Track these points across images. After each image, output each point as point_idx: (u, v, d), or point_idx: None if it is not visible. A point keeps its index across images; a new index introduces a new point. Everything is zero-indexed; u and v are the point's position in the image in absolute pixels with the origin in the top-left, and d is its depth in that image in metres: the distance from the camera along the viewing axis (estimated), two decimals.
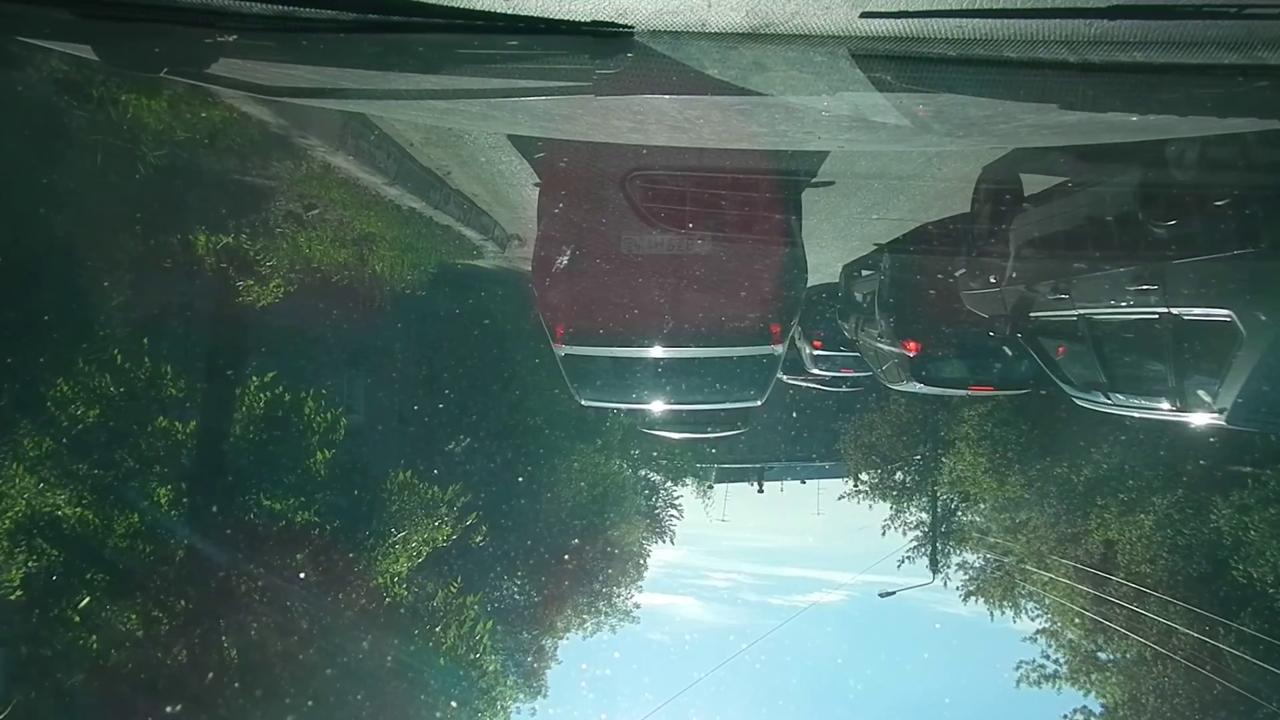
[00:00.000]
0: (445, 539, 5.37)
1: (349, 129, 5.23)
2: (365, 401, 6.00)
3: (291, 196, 5.25)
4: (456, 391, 5.81)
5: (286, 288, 5.09)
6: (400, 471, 5.38)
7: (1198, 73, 3.23)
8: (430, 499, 5.38)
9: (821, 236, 6.68)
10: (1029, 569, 6.37)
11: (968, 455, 7.28)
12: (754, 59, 3.42)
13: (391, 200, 5.84)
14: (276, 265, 5.09)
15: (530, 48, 3.39)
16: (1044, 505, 6.61)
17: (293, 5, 3.03)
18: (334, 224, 5.53)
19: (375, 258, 5.71)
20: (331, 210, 5.49)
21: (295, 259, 5.19)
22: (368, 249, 5.70)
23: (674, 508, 7.11)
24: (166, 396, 4.93)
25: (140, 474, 4.79)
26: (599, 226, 4.57)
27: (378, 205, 5.78)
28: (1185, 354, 4.15)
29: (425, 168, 5.96)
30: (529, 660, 5.83)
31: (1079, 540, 6.39)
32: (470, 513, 5.38)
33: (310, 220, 5.31)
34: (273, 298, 5.05)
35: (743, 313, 4.52)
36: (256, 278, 5.04)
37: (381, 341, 5.76)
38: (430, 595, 5.28)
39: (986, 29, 3.11)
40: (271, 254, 5.09)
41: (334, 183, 5.37)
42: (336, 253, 5.44)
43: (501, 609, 5.79)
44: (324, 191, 5.37)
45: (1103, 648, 6.07)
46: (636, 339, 4.62)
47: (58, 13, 3.21)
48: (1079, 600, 6.15)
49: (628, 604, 6.10)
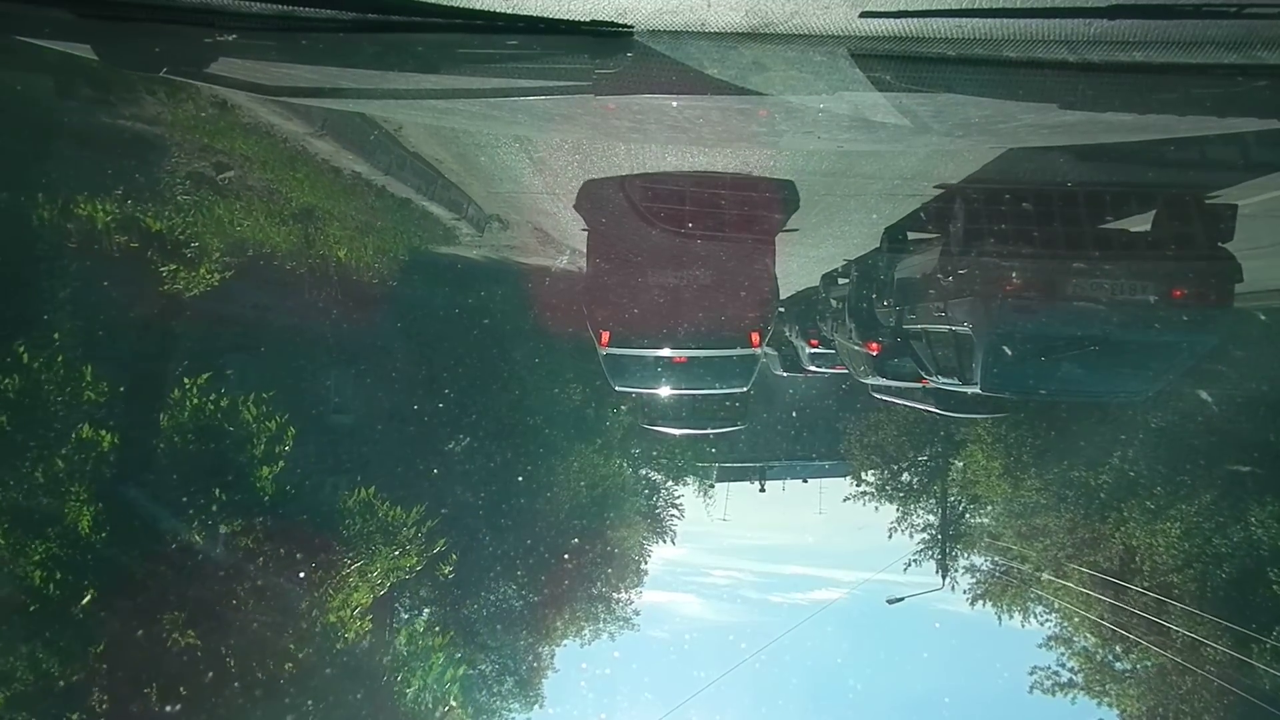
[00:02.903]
0: (410, 566, 4.73)
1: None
2: (319, 406, 5.22)
3: (196, 153, 4.40)
4: (430, 393, 5.27)
5: (222, 274, 4.40)
6: (359, 488, 4.76)
7: (1197, 72, 3.23)
8: (393, 521, 4.73)
9: (822, 236, 6.69)
10: (1045, 576, 6.39)
11: (980, 457, 7.29)
12: (753, 59, 3.42)
13: (323, 159, 4.88)
14: (204, 246, 4.38)
15: (530, 47, 3.38)
16: (1061, 510, 6.67)
17: (293, 5, 3.03)
18: (261, 193, 4.70)
19: (325, 238, 4.94)
20: (253, 173, 4.61)
21: (226, 237, 4.46)
22: (313, 227, 4.94)
23: (675, 507, 7.12)
24: (84, 401, 4.19)
25: (51, 492, 4.03)
26: (631, 261, 5.90)
27: (305, 165, 4.81)
28: (962, 351, 5.89)
29: (369, 119, 4.93)
30: (529, 660, 5.83)
31: (1099, 546, 6.39)
32: (439, 538, 4.79)
33: (227, 186, 4.46)
34: (204, 285, 4.38)
35: (733, 323, 5.99)
36: (183, 262, 4.32)
37: (338, 337, 5.06)
38: (393, 634, 4.70)
39: (986, 29, 3.10)
40: (191, 229, 4.36)
41: (239, 128, 4.46)
42: (274, 231, 4.71)
43: (500, 611, 5.77)
44: (231, 143, 4.49)
45: (1121, 657, 6.04)
46: (658, 342, 6.02)
47: (58, 13, 3.21)
48: (1096, 608, 6.14)
49: (628, 603, 6.11)
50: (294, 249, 4.83)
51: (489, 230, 6.01)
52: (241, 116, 4.42)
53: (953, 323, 6.00)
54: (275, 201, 4.81)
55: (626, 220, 5.39)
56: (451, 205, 5.78)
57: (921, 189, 5.68)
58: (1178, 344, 5.35)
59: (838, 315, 8.39)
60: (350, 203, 5.21)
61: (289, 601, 4.33)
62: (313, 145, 4.82)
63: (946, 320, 6.09)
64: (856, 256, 7.46)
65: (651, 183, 5.21)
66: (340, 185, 5.08)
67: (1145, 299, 5.21)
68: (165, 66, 3.79)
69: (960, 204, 5.60)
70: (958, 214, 5.66)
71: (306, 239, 4.84)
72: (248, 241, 4.58)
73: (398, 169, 5.21)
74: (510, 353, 5.99)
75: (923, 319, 6.65)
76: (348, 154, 5.02)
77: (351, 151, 5.02)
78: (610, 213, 5.50)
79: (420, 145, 5.32)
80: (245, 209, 4.62)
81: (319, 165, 4.96)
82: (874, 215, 6.18)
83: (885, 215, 6.18)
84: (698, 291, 5.80)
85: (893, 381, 7.63)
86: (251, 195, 4.65)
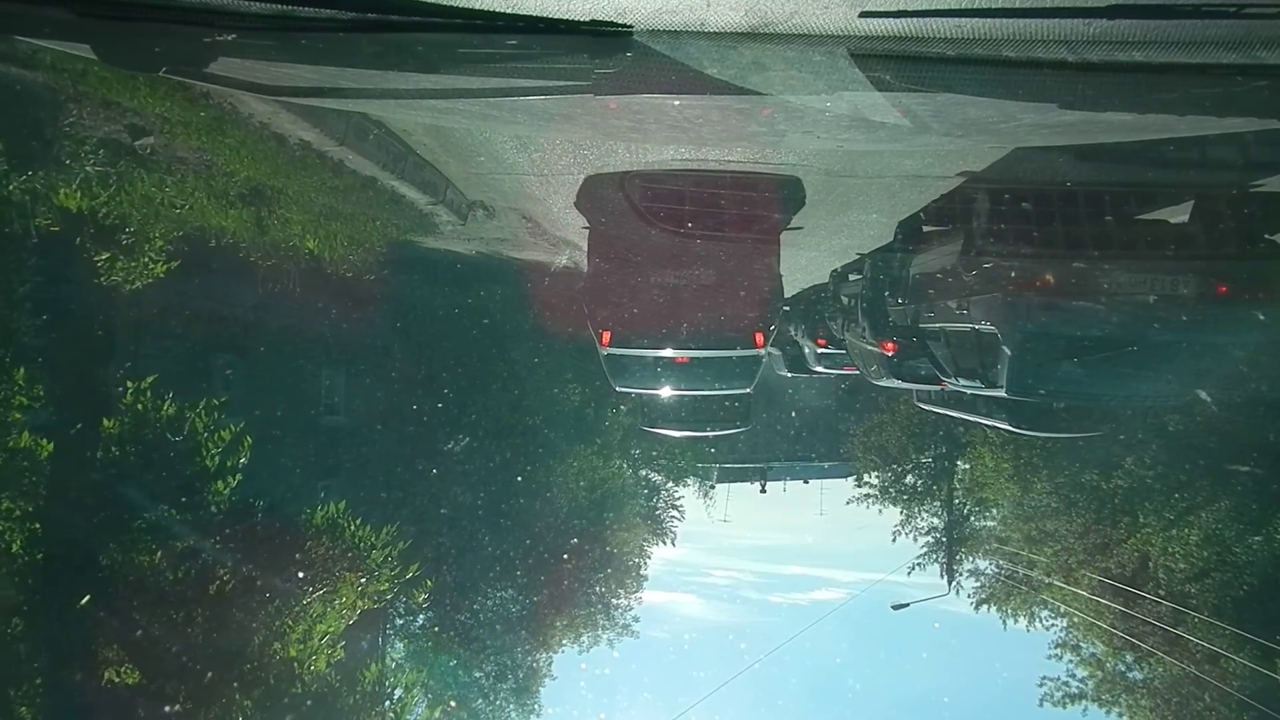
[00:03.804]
0: (379, 594, 4.26)
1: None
2: (283, 411, 4.69)
3: (100, 114, 3.78)
4: (419, 396, 4.91)
5: (168, 264, 3.91)
6: (326, 504, 4.32)
7: (1197, 72, 3.23)
8: (363, 541, 4.28)
9: (818, 239, 6.67)
10: (1055, 582, 6.30)
11: (988, 459, 7.18)
12: (753, 58, 3.42)
13: (260, 123, 4.17)
14: (143, 231, 3.88)
15: (530, 47, 3.39)
16: (1072, 515, 6.54)
17: (292, 5, 3.03)
18: (195, 166, 4.01)
19: (281, 223, 4.34)
20: (178, 139, 3.87)
21: (165, 221, 3.93)
22: (265, 210, 4.33)
23: (675, 508, 7.11)
24: (16, 407, 3.75)
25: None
26: (632, 261, 5.80)
27: (237, 129, 4.07)
28: (986, 351, 5.60)
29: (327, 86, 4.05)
30: (528, 661, 5.82)
31: (1111, 552, 6.27)
32: (413, 562, 4.44)
33: (151, 156, 3.79)
34: (148, 277, 3.91)
35: (737, 324, 5.89)
36: (120, 249, 3.81)
37: (307, 336, 4.59)
38: (361, 672, 4.22)
39: (985, 29, 3.10)
40: (117, 210, 3.82)
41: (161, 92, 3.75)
42: (221, 214, 4.11)
43: (498, 613, 5.75)
44: (140, 101, 3.83)
45: (1134, 667, 5.90)
46: (661, 342, 5.92)
47: (58, 12, 3.21)
48: (1108, 616, 6.02)
49: (627, 603, 6.10)
50: (249, 235, 4.30)
51: (473, 219, 5.43)
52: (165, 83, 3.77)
53: (975, 321, 5.69)
54: (215, 178, 4.19)
55: (627, 217, 5.30)
56: (426, 187, 4.97)
57: (934, 184, 5.54)
58: (1224, 345, 5.08)
59: (849, 313, 8.13)
60: (303, 179, 4.53)
61: (258, 621, 3.97)
62: (244, 105, 4.11)
63: (968, 319, 5.79)
64: (869, 251, 7.19)
65: (652, 180, 5.12)
66: (287, 157, 4.36)
67: (1187, 296, 4.95)
68: (165, 66, 3.78)
69: (984, 196, 5.32)
70: (981, 206, 5.38)
71: (259, 224, 4.27)
72: (191, 226, 4.03)
73: (356, 138, 4.42)
74: (508, 353, 5.86)
75: (941, 317, 6.35)
76: (287, 116, 4.28)
77: (292, 112, 4.30)
78: (611, 210, 5.39)
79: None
80: (180, 186, 3.99)
81: (255, 130, 4.25)
82: (873, 214, 6.17)
83: (887, 213, 6.13)
84: (701, 290, 5.69)
85: (909, 384, 7.40)
86: (185, 169, 3.99)
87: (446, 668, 5.21)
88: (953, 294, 6.04)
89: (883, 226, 6.38)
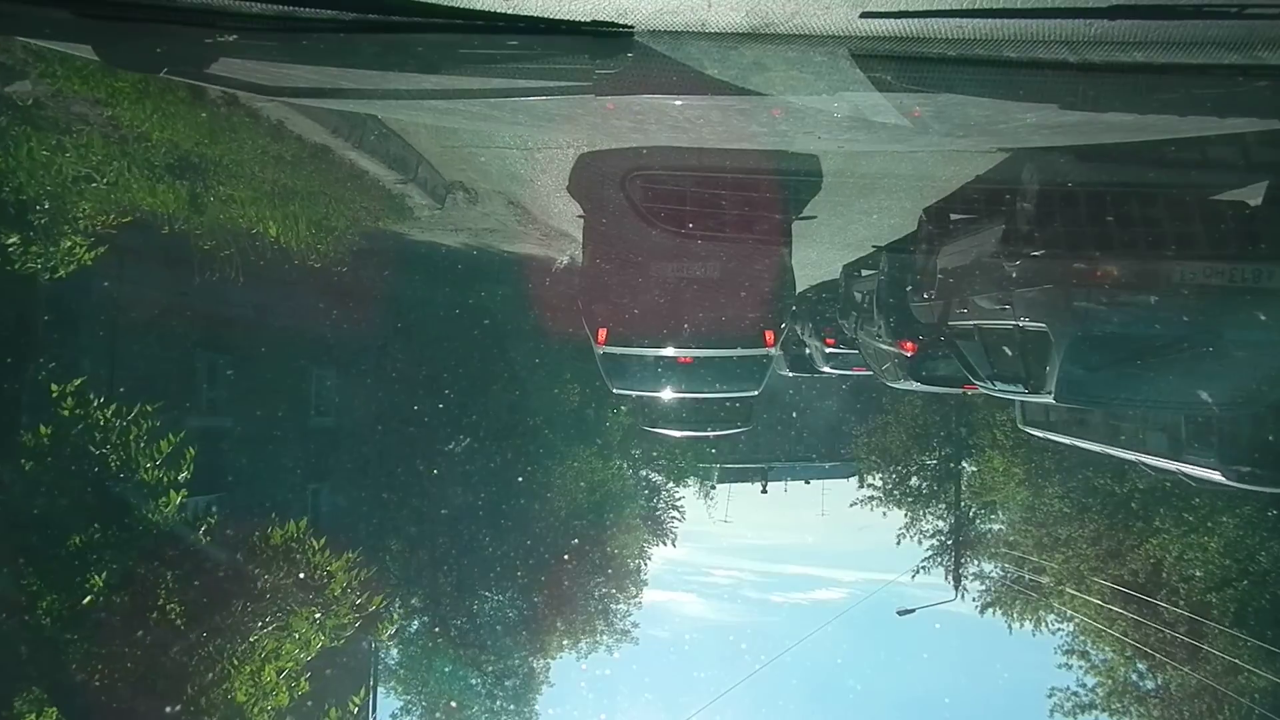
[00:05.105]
0: (346, 618, 3.79)
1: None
2: (234, 415, 4.10)
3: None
4: (411, 396, 4.50)
5: (95, 250, 3.45)
6: (286, 522, 3.85)
7: (1198, 73, 3.23)
8: (325, 564, 3.79)
9: (823, 236, 6.66)
10: (1065, 589, 6.17)
11: (998, 462, 7.03)
12: (754, 59, 3.42)
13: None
14: (60, 211, 3.36)
15: (530, 48, 3.38)
16: (1085, 520, 6.37)
17: (293, 5, 3.03)
18: (103, 127, 3.35)
19: (220, 200, 3.74)
20: (70, 86, 3.22)
21: (84, 198, 3.44)
22: (200, 185, 3.68)
23: (676, 509, 7.12)
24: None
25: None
26: (630, 257, 5.41)
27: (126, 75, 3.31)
28: (1032, 352, 5.09)
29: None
30: (529, 661, 5.81)
31: (1125, 559, 6.12)
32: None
33: (38, 110, 3.11)
34: (73, 265, 3.46)
35: (744, 321, 5.45)
36: (36, 233, 3.31)
37: (264, 331, 4.08)
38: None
39: (986, 29, 3.10)
40: (16, 182, 3.27)
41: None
42: (148, 190, 3.50)
43: (498, 615, 5.74)
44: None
45: (1147, 676, 5.76)
46: (662, 340, 5.54)
47: (58, 13, 3.20)
48: (1120, 624, 5.89)
49: (627, 603, 6.11)
50: (185, 216, 3.71)
51: (451, 203, 4.73)
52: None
53: (1020, 318, 5.08)
54: (130, 144, 3.49)
55: (626, 209, 5.04)
56: (394, 162, 4.23)
57: (941, 182, 5.33)
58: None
59: (863, 311, 7.57)
60: (238, 149, 3.79)
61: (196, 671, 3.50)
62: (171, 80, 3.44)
63: (1011, 315, 5.17)
64: (887, 244, 6.67)
65: (653, 171, 4.88)
66: (214, 120, 3.61)
67: (1272, 288, 4.41)
68: (165, 66, 3.78)
69: (1032, 173, 4.73)
70: (1029, 189, 4.81)
71: (193, 201, 3.60)
72: (116, 204, 3.43)
73: (292, 92, 3.62)
74: (507, 351, 5.74)
75: (975, 314, 5.73)
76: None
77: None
78: (608, 200, 5.07)
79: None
80: (85, 153, 3.27)
81: (160, 83, 3.46)
82: (874, 215, 6.15)
83: (892, 211, 6.04)
84: (705, 284, 5.27)
85: (930, 387, 6.95)
86: (90, 131, 3.28)
87: (446, 670, 5.20)
88: (992, 288, 5.48)
89: (893, 221, 6.22)
